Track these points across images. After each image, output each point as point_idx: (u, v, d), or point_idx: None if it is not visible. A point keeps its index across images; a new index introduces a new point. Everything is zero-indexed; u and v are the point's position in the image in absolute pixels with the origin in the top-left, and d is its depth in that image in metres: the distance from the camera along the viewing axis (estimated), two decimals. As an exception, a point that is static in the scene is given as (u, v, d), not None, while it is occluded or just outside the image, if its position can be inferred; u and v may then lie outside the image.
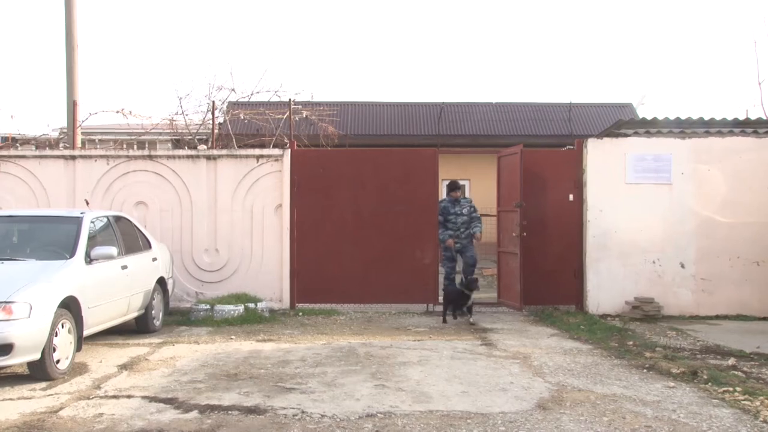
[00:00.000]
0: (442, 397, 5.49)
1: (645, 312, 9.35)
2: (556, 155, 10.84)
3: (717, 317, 9.54)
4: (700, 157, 9.72)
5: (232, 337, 8.07)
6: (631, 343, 7.66)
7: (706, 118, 10.01)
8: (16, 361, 5.78)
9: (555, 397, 5.52)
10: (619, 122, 10.54)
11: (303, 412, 5.08)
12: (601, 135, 10.37)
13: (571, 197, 9.97)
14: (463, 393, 5.63)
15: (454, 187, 10.11)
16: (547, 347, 7.54)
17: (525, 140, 19.15)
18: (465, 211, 9.97)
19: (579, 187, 9.93)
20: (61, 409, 5.20)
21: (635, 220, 9.65)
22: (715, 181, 9.72)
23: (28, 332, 5.78)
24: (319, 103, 15.91)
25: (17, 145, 13.66)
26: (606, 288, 9.67)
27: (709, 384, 5.85)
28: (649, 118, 10.22)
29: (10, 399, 5.49)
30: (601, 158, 9.79)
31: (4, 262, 6.66)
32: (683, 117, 9.98)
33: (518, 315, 9.78)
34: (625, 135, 9.99)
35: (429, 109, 20.47)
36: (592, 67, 51.49)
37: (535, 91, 47.33)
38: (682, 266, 9.69)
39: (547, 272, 9.90)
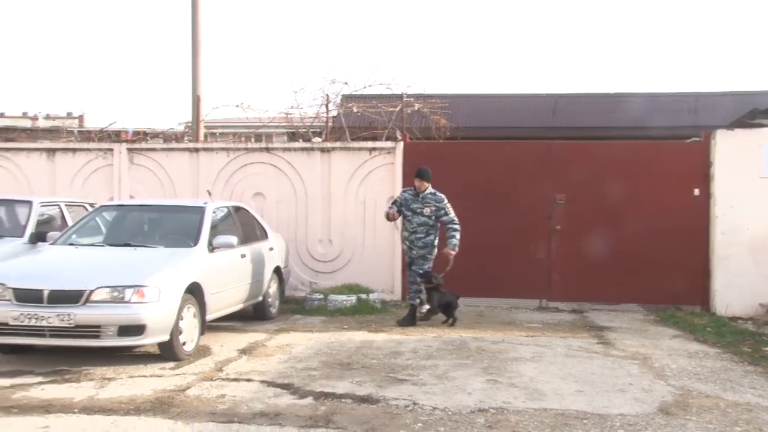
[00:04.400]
0: (557, 396, 5.34)
1: (782, 316, 8.68)
2: (680, 148, 10.26)
3: None
4: None
5: (345, 326, 8.22)
6: (767, 348, 7.12)
7: None
8: (147, 341, 6.18)
9: (679, 401, 5.23)
10: (754, 111, 9.84)
11: (414, 403, 5.09)
12: (732, 126, 9.74)
13: (696, 192, 9.42)
14: (579, 392, 5.44)
15: (416, 174, 8.26)
16: (669, 349, 7.15)
17: (643, 132, 18.33)
18: (427, 211, 8.20)
19: (706, 181, 9.35)
20: (188, 388, 5.50)
21: (771, 217, 8.96)
22: None
23: (158, 314, 6.15)
24: (430, 96, 15.81)
25: (147, 138, 14.55)
26: (736, 288, 9.05)
27: None
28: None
29: (144, 376, 5.88)
30: (732, 150, 9.16)
31: (137, 248, 7.13)
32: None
33: (637, 314, 9.35)
34: (761, 125, 9.31)
35: (542, 101, 19.91)
36: (721, 54, 48.32)
37: (655, 81, 45.03)
38: (825, 267, 8.90)
39: (668, 270, 9.40)
